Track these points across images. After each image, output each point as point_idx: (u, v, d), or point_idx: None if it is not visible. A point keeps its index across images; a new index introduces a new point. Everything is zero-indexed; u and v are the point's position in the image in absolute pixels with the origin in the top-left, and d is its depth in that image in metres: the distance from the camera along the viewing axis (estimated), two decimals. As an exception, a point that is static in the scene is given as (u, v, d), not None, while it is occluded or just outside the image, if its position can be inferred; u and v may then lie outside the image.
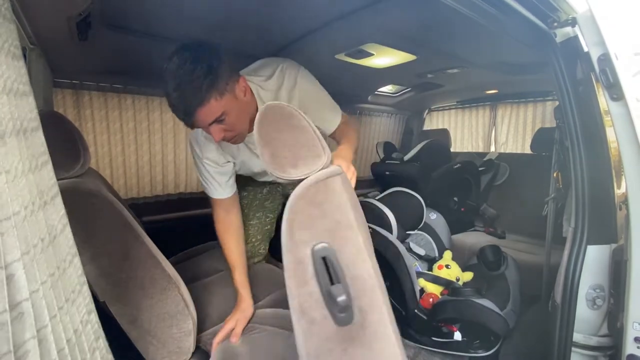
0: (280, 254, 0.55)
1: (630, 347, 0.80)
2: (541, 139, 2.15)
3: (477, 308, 1.36)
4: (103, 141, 1.76)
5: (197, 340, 0.97)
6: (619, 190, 0.89)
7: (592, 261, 0.91)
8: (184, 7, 1.07)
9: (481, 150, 3.01)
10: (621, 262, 0.85)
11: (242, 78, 0.90)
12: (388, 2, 1.09)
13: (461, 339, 1.44)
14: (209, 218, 1.21)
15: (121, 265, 0.83)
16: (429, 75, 2.07)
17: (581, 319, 0.92)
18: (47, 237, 0.28)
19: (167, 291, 0.87)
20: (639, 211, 0.79)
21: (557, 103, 1.92)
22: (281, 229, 0.54)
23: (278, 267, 1.49)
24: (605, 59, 0.80)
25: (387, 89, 2.57)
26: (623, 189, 0.86)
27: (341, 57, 1.62)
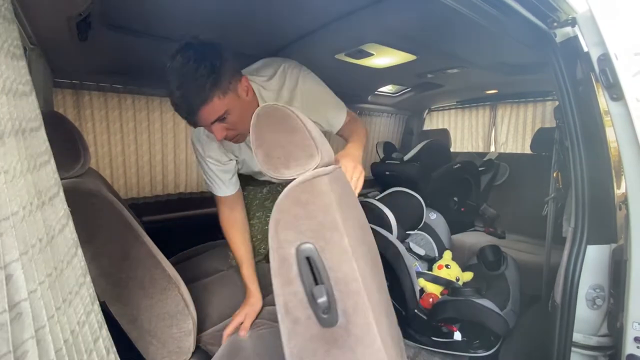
0: None
1: (630, 347, 0.80)
2: (541, 139, 2.15)
3: (477, 308, 1.36)
4: (103, 141, 1.77)
5: (197, 340, 0.97)
6: (619, 190, 0.89)
7: (592, 261, 0.91)
8: (184, 7, 1.07)
9: (481, 150, 3.01)
10: (621, 262, 0.85)
11: (245, 77, 0.90)
12: (388, 2, 1.09)
13: (461, 339, 1.44)
14: (209, 218, 1.22)
15: (121, 265, 0.83)
16: (429, 75, 2.07)
17: (581, 319, 0.92)
18: (45, 237, 0.28)
19: (167, 291, 0.87)
20: (639, 211, 0.79)
21: (557, 103, 1.92)
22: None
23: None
24: (605, 59, 0.80)
25: (387, 89, 2.56)
26: (623, 189, 0.85)
27: (341, 57, 1.62)
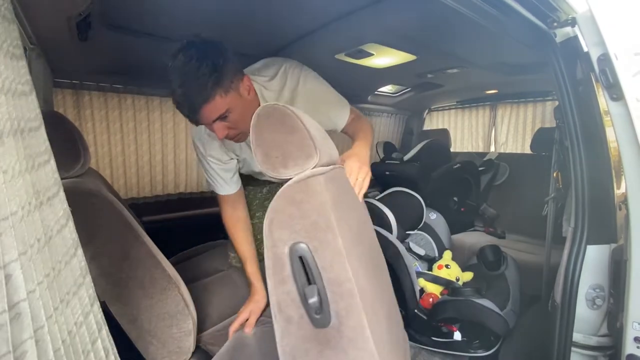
0: None
1: (630, 347, 0.79)
2: (541, 139, 2.15)
3: (477, 308, 1.36)
4: (103, 141, 1.77)
5: (197, 340, 0.97)
6: (619, 190, 0.89)
7: (591, 261, 0.91)
8: (184, 7, 1.07)
9: (481, 150, 3.01)
10: (621, 262, 0.85)
11: (247, 77, 0.91)
12: (388, 2, 1.09)
13: (461, 338, 1.44)
14: (208, 218, 1.22)
15: (121, 265, 0.83)
16: (429, 75, 2.07)
17: (581, 319, 0.92)
18: (43, 237, 0.28)
19: (167, 291, 0.87)
20: (639, 211, 0.79)
21: (557, 103, 1.92)
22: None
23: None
24: (605, 59, 0.80)
25: (387, 89, 2.56)
26: (623, 189, 0.85)
27: (341, 57, 1.61)
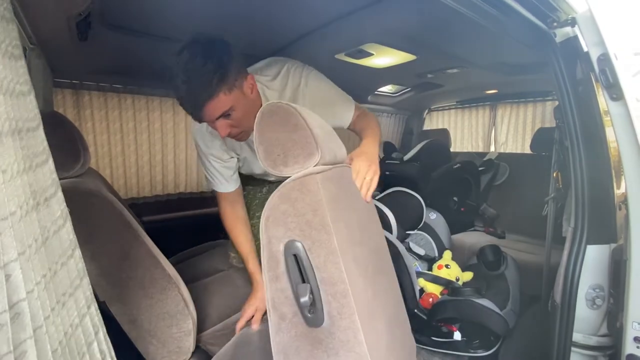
0: None
1: (629, 347, 0.79)
2: (541, 139, 2.15)
3: (476, 308, 1.36)
4: (103, 141, 1.77)
5: (197, 340, 0.97)
6: (619, 190, 0.89)
7: (591, 261, 0.91)
8: (183, 7, 1.07)
9: (481, 150, 3.00)
10: (621, 262, 0.85)
11: (250, 75, 0.91)
12: (388, 2, 1.09)
13: (461, 338, 1.44)
14: (208, 218, 1.22)
15: (121, 265, 0.83)
16: (429, 75, 2.07)
17: (581, 319, 0.92)
18: (40, 238, 0.28)
19: (167, 291, 0.87)
20: (639, 211, 0.79)
21: (557, 103, 1.92)
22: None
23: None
24: (605, 59, 0.80)
25: (387, 89, 2.56)
26: (623, 189, 0.85)
27: (341, 57, 1.61)
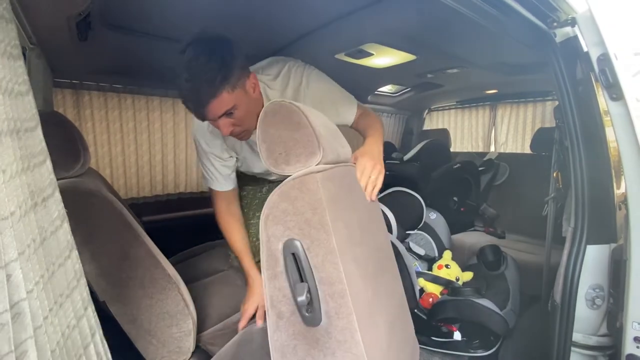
0: None
1: (629, 347, 0.79)
2: (541, 138, 2.15)
3: (476, 308, 1.36)
4: (103, 141, 1.76)
5: (197, 340, 0.97)
6: (619, 190, 0.89)
7: (591, 261, 0.91)
8: (183, 7, 1.07)
9: (481, 150, 3.00)
10: (620, 262, 0.85)
11: (253, 74, 0.91)
12: (388, 2, 1.09)
13: (461, 338, 1.44)
14: (208, 218, 1.21)
15: (121, 265, 0.83)
16: (429, 75, 2.07)
17: (581, 319, 0.92)
18: (39, 238, 0.28)
19: (167, 291, 0.87)
20: (639, 211, 0.79)
21: (557, 103, 1.92)
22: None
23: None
24: (605, 59, 0.80)
25: (387, 89, 2.56)
26: (622, 189, 0.85)
27: (341, 57, 1.61)
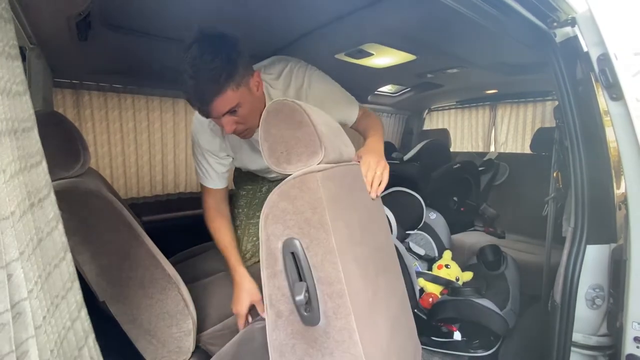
0: None
1: (629, 347, 0.79)
2: (541, 138, 2.15)
3: (476, 308, 1.36)
4: (103, 141, 1.76)
5: (196, 340, 0.97)
6: (619, 190, 0.89)
7: (591, 261, 0.91)
8: (183, 7, 1.07)
9: (481, 150, 3.00)
10: (620, 262, 0.85)
11: (257, 72, 0.91)
12: (388, 2, 1.09)
13: (461, 338, 1.44)
14: (208, 218, 1.21)
15: (121, 265, 0.83)
16: (429, 75, 2.07)
17: (581, 319, 0.92)
18: (35, 238, 0.28)
19: (167, 291, 0.87)
20: (639, 211, 0.79)
21: (556, 103, 1.92)
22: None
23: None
24: (605, 59, 0.80)
25: (387, 89, 2.56)
26: (622, 189, 0.85)
27: (341, 57, 1.61)
